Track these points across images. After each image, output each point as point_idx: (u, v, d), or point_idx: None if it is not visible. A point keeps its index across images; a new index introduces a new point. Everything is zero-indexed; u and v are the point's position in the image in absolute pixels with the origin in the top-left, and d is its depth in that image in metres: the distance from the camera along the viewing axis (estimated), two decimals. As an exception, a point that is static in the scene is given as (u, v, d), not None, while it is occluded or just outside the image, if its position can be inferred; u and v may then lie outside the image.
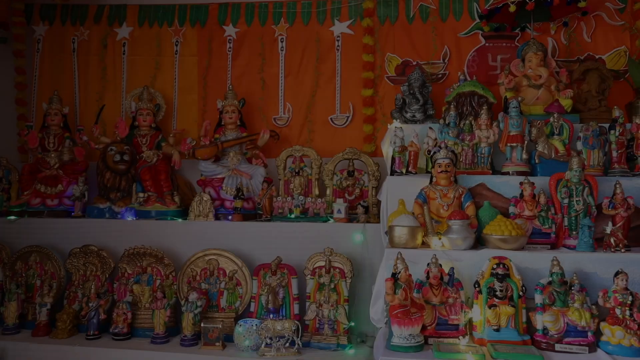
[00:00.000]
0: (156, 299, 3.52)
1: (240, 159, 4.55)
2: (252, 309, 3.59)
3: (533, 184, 3.23)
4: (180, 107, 5.26)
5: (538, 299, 2.76)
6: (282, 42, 5.16)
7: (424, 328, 2.73)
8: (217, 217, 4.21)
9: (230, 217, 4.17)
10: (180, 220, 4.20)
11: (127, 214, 4.31)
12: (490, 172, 3.60)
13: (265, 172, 4.45)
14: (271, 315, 3.44)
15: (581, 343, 2.65)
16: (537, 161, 3.55)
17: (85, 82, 5.31)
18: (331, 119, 5.01)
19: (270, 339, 3.20)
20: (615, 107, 3.69)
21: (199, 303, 3.45)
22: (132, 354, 3.32)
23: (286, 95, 5.11)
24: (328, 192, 4.22)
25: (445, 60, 4.87)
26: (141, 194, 4.35)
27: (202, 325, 3.38)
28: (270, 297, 3.49)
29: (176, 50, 5.30)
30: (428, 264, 2.81)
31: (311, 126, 5.02)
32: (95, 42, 5.31)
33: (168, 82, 5.27)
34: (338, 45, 5.06)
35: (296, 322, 3.26)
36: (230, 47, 5.23)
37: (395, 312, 2.62)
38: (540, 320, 2.72)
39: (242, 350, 3.29)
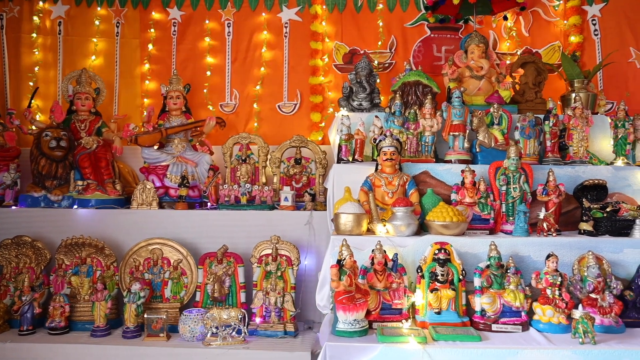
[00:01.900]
0: (96, 291, 3.39)
1: (185, 146, 4.43)
2: (197, 298, 3.53)
3: (474, 171, 3.35)
4: (122, 92, 5.06)
5: (477, 282, 2.88)
6: (229, 27, 5.06)
7: (368, 313, 2.79)
8: (161, 206, 4.10)
9: (174, 206, 4.07)
10: (122, 208, 4.05)
11: (65, 202, 4.11)
12: (434, 160, 3.70)
13: (211, 160, 4.36)
14: (217, 304, 3.40)
15: (515, 323, 2.80)
16: (477, 150, 3.68)
17: (16, 62, 4.98)
18: (279, 106, 4.98)
19: (216, 328, 3.16)
20: (549, 98, 3.89)
21: (142, 294, 3.36)
22: (70, 348, 3.18)
23: (233, 81, 5.03)
24: (275, 179, 4.20)
25: (392, 50, 4.94)
26: (80, 182, 4.15)
27: (145, 316, 3.29)
28: (216, 286, 3.45)
29: (117, 32, 5.08)
30: (373, 250, 2.87)
31: (258, 113, 4.98)
32: (26, 20, 4.99)
33: (109, 65, 5.06)
34: (286, 32, 5.01)
35: (242, 310, 3.23)
36: (174, 31, 5.07)
37: (340, 298, 2.65)
38: (479, 302, 2.84)
39: (187, 340, 3.23)
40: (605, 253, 3.06)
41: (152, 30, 5.04)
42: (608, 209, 3.32)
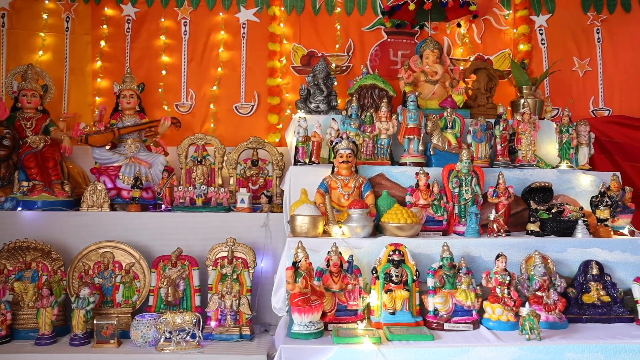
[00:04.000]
0: (42, 297, 3.25)
1: (138, 146, 4.32)
2: (150, 302, 3.45)
3: (428, 174, 3.42)
4: (71, 90, 4.88)
5: (430, 282, 2.93)
6: (185, 25, 4.98)
7: (324, 315, 2.79)
8: (113, 208, 3.99)
9: (127, 208, 3.96)
10: (71, 211, 3.91)
11: (8, 204, 3.93)
12: (389, 162, 3.76)
13: (165, 161, 4.28)
14: (171, 309, 3.33)
15: (467, 321, 2.87)
16: (432, 153, 3.77)
17: (-45, 56, 4.73)
18: (236, 107, 4.93)
19: (170, 332, 3.09)
20: (500, 104, 4.03)
21: (91, 299, 3.24)
22: (11, 358, 3.03)
23: (189, 81, 4.95)
24: (231, 181, 4.15)
25: (350, 53, 4.99)
26: (25, 183, 3.99)
27: (95, 322, 3.18)
28: (170, 290, 3.38)
29: (67, 27, 4.90)
30: (328, 252, 2.87)
31: (215, 114, 4.91)
32: (-34, 11, 4.74)
33: (58, 61, 4.87)
34: (244, 33, 4.98)
35: (197, 314, 3.18)
36: (128, 28, 4.94)
37: (295, 300, 2.65)
38: (432, 302, 2.89)
39: (139, 346, 3.14)
40: (551, 252, 3.19)
41: (105, 26, 4.89)
42: (553, 210, 3.47)
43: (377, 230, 3.34)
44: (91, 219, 3.80)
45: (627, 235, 3.48)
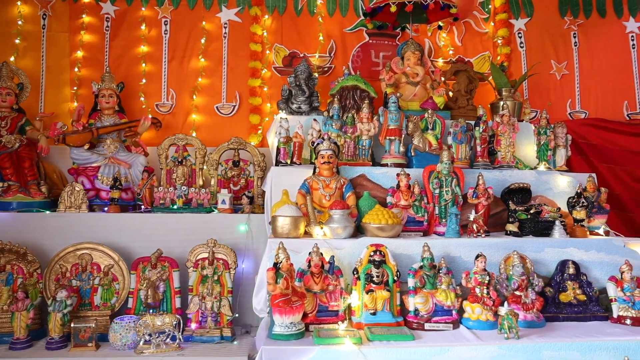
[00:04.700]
0: (17, 300, 3.18)
1: (118, 146, 4.27)
2: (130, 305, 3.40)
3: (409, 175, 3.45)
4: (48, 88, 4.79)
5: (411, 282, 2.95)
6: (165, 25, 4.93)
7: (305, 316, 2.79)
8: (91, 209, 3.93)
9: (106, 209, 3.91)
10: (48, 212, 3.83)
11: (-19, 206, 3.84)
12: (371, 163, 3.78)
13: (145, 161, 4.22)
14: (151, 311, 3.29)
15: (447, 321, 2.90)
16: (413, 154, 3.80)
17: None
18: (217, 107, 4.90)
19: (150, 335, 3.05)
20: (479, 106, 4.08)
21: (68, 302, 3.18)
22: (-15, 362, 2.97)
23: (170, 81, 4.90)
24: (212, 182, 4.12)
25: (332, 54, 5.00)
26: (-1, 184, 3.91)
27: (72, 325, 3.12)
28: (149, 292, 3.34)
29: (43, 25, 4.81)
30: (310, 253, 2.87)
31: (196, 114, 4.87)
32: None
33: (34, 59, 4.78)
34: (225, 33, 4.95)
35: (177, 316, 3.14)
36: (107, 26, 4.87)
37: (276, 301, 2.64)
38: (412, 302, 2.91)
39: (118, 349, 3.10)
40: (529, 252, 3.24)
41: (83, 24, 4.81)
42: (531, 211, 3.52)
43: (359, 231, 3.35)
44: (69, 220, 3.74)
45: (602, 236, 3.56)
